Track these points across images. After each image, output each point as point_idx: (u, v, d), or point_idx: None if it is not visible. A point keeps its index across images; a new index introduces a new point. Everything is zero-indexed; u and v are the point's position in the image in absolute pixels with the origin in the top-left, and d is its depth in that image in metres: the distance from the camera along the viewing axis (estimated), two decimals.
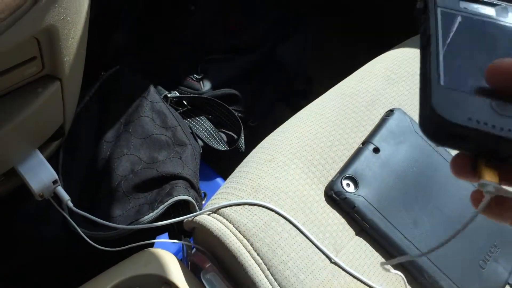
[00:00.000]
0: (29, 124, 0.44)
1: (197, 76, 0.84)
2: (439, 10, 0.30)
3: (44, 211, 0.64)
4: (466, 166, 0.25)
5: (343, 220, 0.51)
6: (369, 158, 0.54)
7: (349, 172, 0.53)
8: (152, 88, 0.73)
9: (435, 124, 0.25)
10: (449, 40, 0.28)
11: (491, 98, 0.25)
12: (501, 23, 0.30)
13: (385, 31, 1.14)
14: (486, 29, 0.29)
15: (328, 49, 1.20)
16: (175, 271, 0.50)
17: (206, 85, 0.84)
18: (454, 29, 0.28)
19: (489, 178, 0.24)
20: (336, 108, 0.59)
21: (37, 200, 0.55)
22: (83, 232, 0.56)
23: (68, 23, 0.38)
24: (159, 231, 0.66)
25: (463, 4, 0.30)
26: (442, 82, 0.25)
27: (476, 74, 0.26)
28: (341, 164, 0.55)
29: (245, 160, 0.58)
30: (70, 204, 0.55)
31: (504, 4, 0.31)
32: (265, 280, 0.46)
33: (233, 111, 0.80)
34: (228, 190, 0.53)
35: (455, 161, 0.26)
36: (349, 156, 0.55)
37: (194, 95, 0.81)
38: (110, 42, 0.87)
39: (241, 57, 0.90)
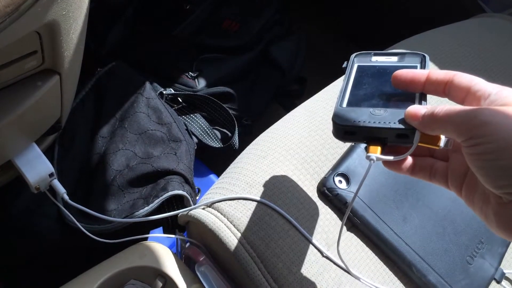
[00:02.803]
0: (27, 117, 0.45)
1: (192, 74, 0.85)
2: (355, 65, 0.45)
3: (38, 204, 0.64)
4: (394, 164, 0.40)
5: (335, 216, 0.53)
6: (361, 156, 0.55)
7: (341, 169, 0.54)
8: (148, 84, 0.74)
9: (335, 128, 0.39)
10: (355, 81, 0.43)
11: (371, 108, 0.38)
12: (395, 65, 0.44)
13: (376, 34, 1.16)
14: (381, 70, 0.43)
15: (322, 49, 1.22)
16: (169, 263, 0.51)
17: (201, 83, 0.85)
18: (361, 74, 0.44)
19: (373, 151, 0.37)
20: (329, 107, 0.61)
21: (32, 193, 0.56)
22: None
23: (70, 18, 0.39)
24: (153, 225, 0.67)
25: (374, 58, 0.45)
26: (343, 105, 0.40)
27: (367, 98, 0.40)
28: (334, 162, 0.56)
29: (239, 157, 0.59)
30: (66, 197, 0.56)
31: (403, 51, 0.45)
32: (258, 272, 0.47)
33: (227, 109, 0.81)
34: (222, 185, 0.54)
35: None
36: (341, 154, 0.56)
37: (189, 93, 0.82)
38: (106, 38, 0.87)
39: (236, 56, 0.91)
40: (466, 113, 0.32)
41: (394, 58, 0.45)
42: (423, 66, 0.43)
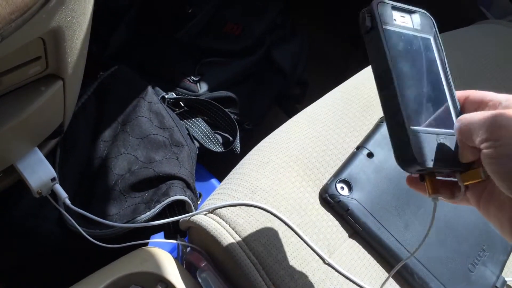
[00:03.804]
0: (31, 122, 0.45)
1: (194, 78, 0.85)
2: (382, 29, 0.35)
3: (40, 208, 0.64)
4: (417, 181, 0.38)
5: (336, 223, 0.53)
6: (363, 162, 0.55)
7: (344, 176, 0.54)
8: (150, 88, 0.74)
9: (408, 163, 0.34)
10: (397, 69, 0.34)
11: (436, 134, 0.34)
12: (414, 34, 0.36)
13: None
14: (415, 48, 0.36)
15: (322, 51, 1.22)
16: (171, 269, 0.51)
17: (203, 87, 0.85)
18: (396, 54, 0.35)
19: (435, 192, 0.35)
20: (331, 113, 0.61)
21: (33, 197, 0.55)
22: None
23: (74, 24, 0.39)
24: (154, 230, 0.67)
25: (394, 16, 0.36)
26: (410, 125, 0.33)
27: (430, 108, 0.35)
28: (336, 168, 0.56)
29: (241, 162, 0.59)
30: (68, 201, 0.56)
31: (420, 11, 0.38)
32: (260, 279, 0.47)
33: (229, 113, 0.81)
34: (224, 191, 0.54)
35: (410, 178, 0.39)
36: (343, 160, 0.56)
37: (191, 97, 0.82)
38: (108, 41, 0.87)
39: (238, 60, 0.91)
40: (485, 118, 0.32)
41: (409, 21, 0.37)
42: (436, 36, 0.38)
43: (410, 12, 0.37)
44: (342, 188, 0.53)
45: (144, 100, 0.72)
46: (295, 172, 0.54)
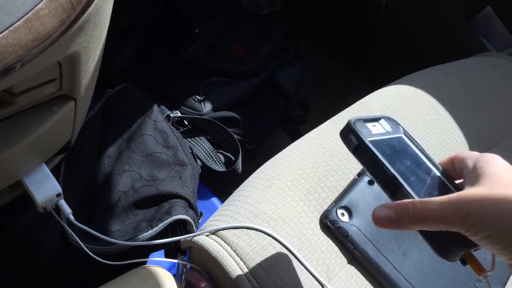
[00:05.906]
0: (42, 140, 0.46)
1: (199, 98, 0.86)
2: (367, 140, 0.38)
3: (42, 222, 0.65)
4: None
5: (336, 248, 0.53)
6: (363, 189, 0.56)
7: (344, 202, 0.55)
8: (155, 107, 0.75)
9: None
10: (405, 178, 0.37)
11: None
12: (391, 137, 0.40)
13: (380, 63, 1.18)
14: (403, 150, 0.40)
15: (326, 77, 1.24)
16: None
17: (207, 107, 0.86)
18: (397, 164, 0.38)
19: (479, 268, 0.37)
20: (334, 139, 0.62)
21: (36, 211, 0.56)
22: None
23: (90, 49, 0.41)
24: (155, 248, 0.68)
25: (369, 127, 0.40)
26: None
27: (435, 194, 0.39)
28: (337, 194, 0.57)
29: (244, 184, 0.60)
30: (72, 217, 0.56)
31: (383, 116, 0.42)
32: None
33: (232, 133, 0.83)
34: (226, 213, 0.55)
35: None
36: (344, 186, 0.57)
37: (195, 116, 0.83)
38: (116, 59, 0.89)
39: (242, 81, 0.92)
40: (452, 206, 0.34)
41: (380, 128, 0.42)
42: (405, 132, 0.43)
43: (377, 120, 0.41)
44: (343, 214, 0.54)
45: (150, 118, 0.73)
46: (296, 197, 0.55)
